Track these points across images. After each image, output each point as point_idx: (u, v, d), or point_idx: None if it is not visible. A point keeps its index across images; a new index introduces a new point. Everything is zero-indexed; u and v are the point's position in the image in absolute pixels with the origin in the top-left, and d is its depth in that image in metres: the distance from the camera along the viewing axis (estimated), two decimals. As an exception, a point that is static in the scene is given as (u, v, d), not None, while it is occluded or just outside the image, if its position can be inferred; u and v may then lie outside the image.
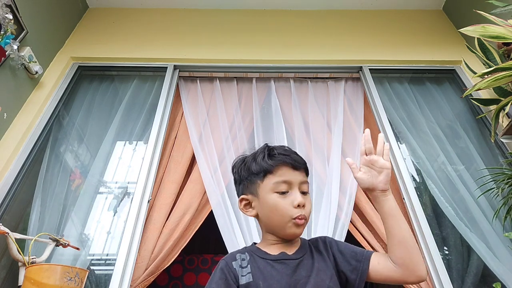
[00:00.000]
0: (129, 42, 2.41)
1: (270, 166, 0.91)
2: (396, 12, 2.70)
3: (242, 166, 0.99)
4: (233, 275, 0.85)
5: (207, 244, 3.07)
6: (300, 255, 0.90)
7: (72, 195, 1.76)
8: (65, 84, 2.18)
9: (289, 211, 0.87)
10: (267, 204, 0.91)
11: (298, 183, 0.91)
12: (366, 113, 2.16)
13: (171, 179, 1.84)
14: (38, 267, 1.26)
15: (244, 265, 0.87)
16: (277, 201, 0.89)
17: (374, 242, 1.68)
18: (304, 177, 0.94)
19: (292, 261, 0.88)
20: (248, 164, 0.97)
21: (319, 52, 2.37)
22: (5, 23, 1.71)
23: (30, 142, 1.85)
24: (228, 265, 0.87)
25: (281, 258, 0.88)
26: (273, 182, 0.90)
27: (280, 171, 0.91)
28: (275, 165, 0.91)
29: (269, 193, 0.90)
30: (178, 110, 2.16)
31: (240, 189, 1.00)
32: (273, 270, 0.85)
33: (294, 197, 0.89)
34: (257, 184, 0.93)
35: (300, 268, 0.87)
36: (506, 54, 1.74)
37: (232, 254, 0.93)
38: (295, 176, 0.92)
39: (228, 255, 0.93)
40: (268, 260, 0.88)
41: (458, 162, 1.92)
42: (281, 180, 0.90)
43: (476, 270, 1.59)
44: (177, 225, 1.69)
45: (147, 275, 1.55)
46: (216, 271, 0.87)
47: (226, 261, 0.89)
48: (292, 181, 0.90)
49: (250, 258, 0.90)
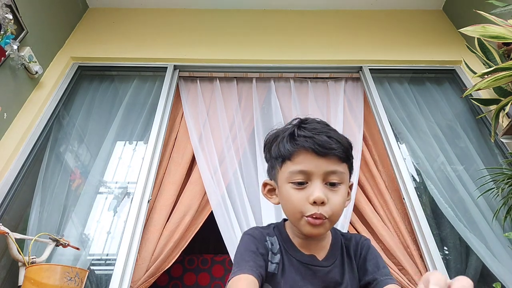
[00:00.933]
0: (129, 42, 2.41)
1: (287, 151, 0.76)
2: (396, 12, 2.70)
3: (268, 145, 0.84)
4: (266, 252, 0.77)
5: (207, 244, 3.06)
6: (330, 262, 0.79)
7: (72, 195, 1.77)
8: (65, 84, 2.18)
9: (301, 207, 0.73)
10: (281, 195, 0.78)
11: (322, 173, 0.73)
12: (366, 113, 2.16)
13: (171, 180, 1.84)
14: (38, 267, 1.26)
15: (275, 251, 0.78)
16: (290, 193, 0.75)
17: (374, 244, 1.68)
18: (332, 166, 0.74)
19: (321, 270, 0.77)
20: (271, 144, 0.82)
21: (319, 52, 2.37)
22: (5, 23, 1.71)
23: (30, 142, 1.85)
24: (261, 241, 0.78)
25: (310, 264, 0.78)
26: (289, 171, 0.75)
27: (299, 158, 0.75)
28: (293, 151, 0.75)
29: (284, 183, 0.76)
30: (178, 110, 2.16)
31: (268, 171, 0.86)
32: (297, 275, 0.76)
33: (311, 190, 0.72)
34: (276, 169, 0.80)
35: (328, 279, 0.77)
36: (506, 54, 1.74)
37: (258, 229, 0.82)
38: (318, 164, 0.73)
39: (252, 229, 0.82)
40: (296, 260, 0.78)
41: (458, 162, 1.92)
42: (297, 170, 0.74)
43: (476, 270, 1.59)
44: (178, 227, 1.69)
45: (148, 277, 1.55)
46: (248, 242, 0.77)
47: (254, 236, 0.78)
48: (312, 171, 0.73)
49: (281, 247, 0.79)
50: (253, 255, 0.73)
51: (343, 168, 0.77)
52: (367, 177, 1.90)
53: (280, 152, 0.77)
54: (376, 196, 1.83)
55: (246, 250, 0.75)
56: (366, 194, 1.84)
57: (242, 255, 0.74)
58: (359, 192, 1.82)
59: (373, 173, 1.89)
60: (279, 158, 0.78)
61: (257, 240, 0.78)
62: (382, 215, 1.76)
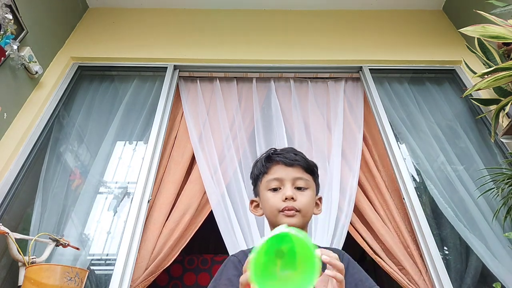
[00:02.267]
0: (129, 42, 2.41)
1: (265, 167, 1.00)
2: (396, 12, 2.70)
3: (252, 173, 1.08)
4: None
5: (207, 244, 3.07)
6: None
7: (72, 195, 1.76)
8: (65, 84, 2.18)
9: (277, 204, 0.93)
10: (263, 201, 0.99)
11: (290, 179, 0.96)
12: (366, 113, 2.16)
13: (171, 179, 1.84)
14: (38, 267, 1.26)
15: None
16: (268, 197, 0.96)
17: (374, 244, 1.68)
18: (299, 174, 0.97)
19: None
20: (254, 169, 1.07)
21: (319, 52, 2.37)
22: (5, 23, 1.71)
23: (30, 142, 1.85)
24: (241, 263, 0.89)
25: None
26: (267, 181, 0.99)
27: (273, 170, 0.99)
28: (269, 165, 1.00)
29: (264, 191, 0.98)
30: (178, 110, 2.16)
31: (253, 191, 1.09)
32: None
33: (284, 191, 0.94)
34: (258, 185, 1.03)
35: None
36: (506, 54, 1.74)
37: (243, 251, 0.98)
38: (287, 172, 0.97)
39: (238, 253, 0.97)
40: None
41: (458, 162, 1.92)
42: (272, 178, 0.97)
43: (476, 270, 1.59)
44: (177, 225, 1.69)
45: (147, 275, 1.55)
46: (227, 267, 0.90)
47: (238, 259, 0.92)
48: (283, 178, 0.96)
49: None
50: (227, 281, 0.85)
51: (308, 177, 1.00)
52: (367, 177, 1.90)
53: (260, 170, 1.02)
54: (376, 196, 1.83)
55: (221, 275, 0.89)
56: (366, 194, 1.84)
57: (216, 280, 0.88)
58: (359, 192, 1.82)
59: (373, 173, 1.89)
60: (260, 174, 1.02)
61: (240, 260, 0.90)
62: (382, 215, 1.76)
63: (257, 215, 1.03)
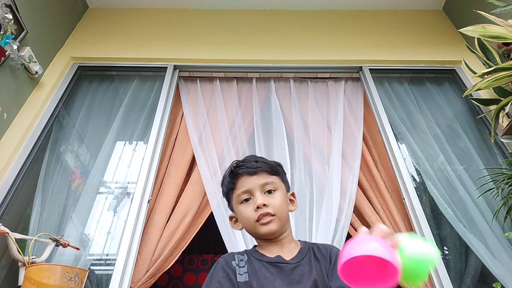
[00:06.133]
0: (129, 42, 2.41)
1: (231, 183, 1.00)
2: (396, 12, 2.70)
3: (223, 191, 1.07)
4: (233, 272, 0.88)
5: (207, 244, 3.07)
6: (297, 260, 0.91)
7: (72, 195, 1.77)
8: (65, 84, 2.18)
9: (252, 215, 0.93)
10: (239, 215, 0.99)
11: (258, 187, 0.95)
12: (366, 113, 2.16)
13: (171, 181, 1.84)
14: (38, 267, 1.26)
15: (241, 265, 0.91)
16: (242, 210, 0.96)
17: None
18: (264, 179, 0.97)
19: (287, 266, 0.89)
20: (222, 188, 1.06)
21: (319, 52, 2.37)
22: (5, 23, 1.71)
23: (30, 142, 1.85)
24: (228, 263, 0.90)
25: (276, 262, 0.90)
26: (237, 195, 0.98)
27: (239, 183, 0.98)
28: (234, 180, 0.99)
29: (237, 205, 0.98)
30: (178, 110, 2.16)
31: (230, 208, 1.07)
32: (267, 272, 0.88)
33: (255, 201, 0.94)
34: (231, 201, 1.02)
35: (295, 273, 0.87)
36: (506, 54, 1.74)
37: (231, 253, 0.96)
38: (253, 181, 0.96)
39: (227, 255, 0.96)
40: (264, 262, 0.91)
41: (457, 162, 1.92)
42: (241, 191, 0.96)
43: (476, 270, 1.59)
44: (178, 227, 1.69)
45: (148, 277, 1.55)
46: (216, 270, 0.90)
47: (225, 260, 0.92)
48: (250, 188, 0.95)
49: (248, 259, 0.93)
50: (218, 284, 0.86)
51: (274, 179, 0.99)
52: (367, 177, 1.90)
53: (227, 186, 1.01)
54: (376, 196, 1.83)
55: (212, 278, 0.89)
56: (366, 194, 1.84)
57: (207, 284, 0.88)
58: (359, 192, 1.82)
59: (373, 173, 1.89)
60: (229, 191, 1.01)
61: (226, 262, 0.91)
62: (382, 215, 1.76)
63: (237, 229, 1.03)
